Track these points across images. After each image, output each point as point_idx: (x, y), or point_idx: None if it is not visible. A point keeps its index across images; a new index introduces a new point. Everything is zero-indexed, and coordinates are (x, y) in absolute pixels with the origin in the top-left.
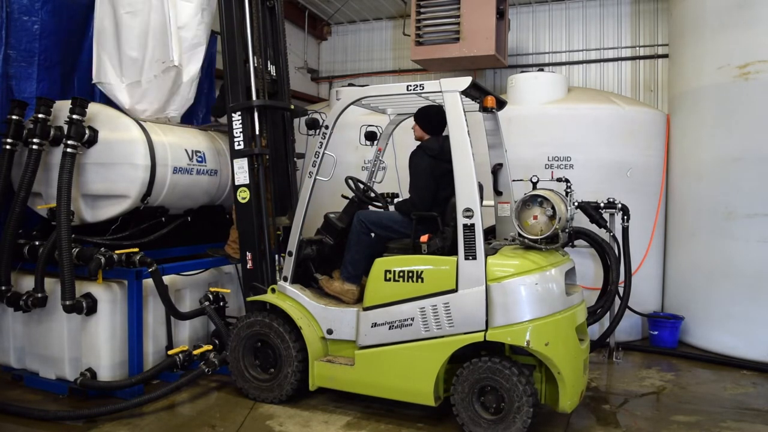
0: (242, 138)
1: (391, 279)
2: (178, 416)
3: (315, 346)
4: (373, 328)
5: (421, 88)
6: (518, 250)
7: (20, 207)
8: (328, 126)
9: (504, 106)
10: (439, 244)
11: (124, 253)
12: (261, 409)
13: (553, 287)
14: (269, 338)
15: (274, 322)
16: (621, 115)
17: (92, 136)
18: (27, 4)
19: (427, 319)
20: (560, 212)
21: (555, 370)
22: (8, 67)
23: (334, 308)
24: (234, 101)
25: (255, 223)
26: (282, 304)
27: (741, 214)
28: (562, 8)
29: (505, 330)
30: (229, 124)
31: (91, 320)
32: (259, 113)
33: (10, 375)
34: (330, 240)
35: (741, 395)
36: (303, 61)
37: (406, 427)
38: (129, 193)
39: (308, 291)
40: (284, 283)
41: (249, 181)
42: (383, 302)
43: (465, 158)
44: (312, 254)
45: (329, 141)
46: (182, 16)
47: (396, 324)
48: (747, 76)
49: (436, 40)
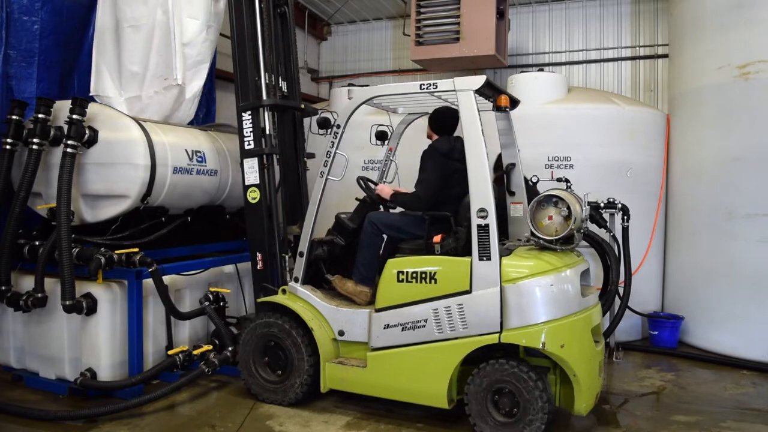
0: (252, 137)
1: (403, 280)
2: (178, 416)
3: (326, 347)
4: (386, 330)
5: (435, 87)
6: (533, 251)
7: (20, 207)
8: (340, 125)
9: (517, 105)
10: (452, 244)
11: (124, 253)
12: (261, 409)
13: (569, 288)
14: (280, 340)
15: (285, 324)
16: (621, 115)
17: (92, 136)
18: (27, 4)
19: (441, 321)
20: (575, 212)
21: (570, 372)
22: (8, 67)
23: (345, 309)
24: (244, 101)
25: (265, 224)
26: (293, 305)
27: (741, 214)
28: (562, 8)
29: (520, 332)
30: (239, 123)
31: (91, 320)
32: (269, 112)
33: (10, 375)
34: (341, 241)
35: (741, 395)
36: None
37: (406, 427)
38: (129, 193)
39: (319, 292)
40: (295, 284)
41: (259, 181)
42: (396, 304)
43: (479, 158)
44: (323, 255)
45: (341, 140)
46: (187, 33)
47: (409, 325)
48: (747, 76)
49: (436, 40)
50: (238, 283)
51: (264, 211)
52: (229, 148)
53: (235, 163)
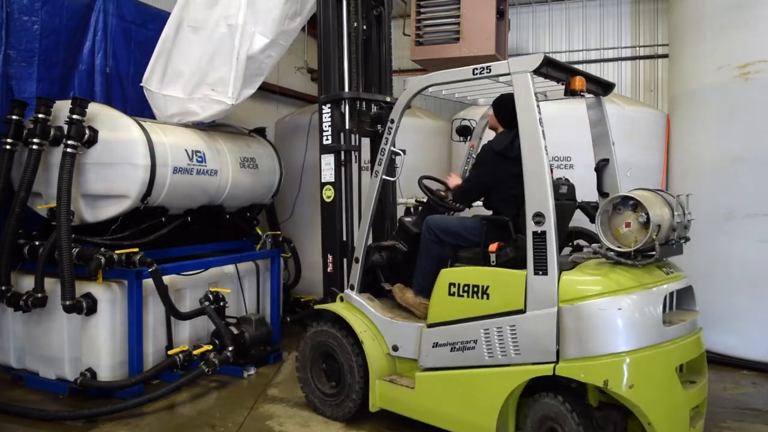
0: (330, 132)
1: (455, 293)
2: (178, 416)
3: (378, 363)
4: (435, 349)
5: (488, 71)
6: (604, 266)
7: (20, 207)
8: (394, 119)
9: (611, 90)
10: (510, 254)
11: (124, 253)
12: (261, 409)
13: (644, 314)
14: (334, 350)
15: (338, 333)
16: (621, 114)
17: (92, 136)
18: (27, 4)
19: (492, 343)
20: (658, 218)
21: (644, 420)
22: (8, 67)
23: (400, 322)
24: (325, 93)
25: (337, 224)
26: (346, 315)
27: (741, 214)
28: (562, 8)
29: (579, 364)
30: (320, 117)
31: (91, 320)
32: (350, 106)
33: (10, 375)
34: (404, 246)
35: (741, 395)
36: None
37: (406, 427)
38: (129, 193)
39: (377, 302)
40: (351, 291)
41: (334, 179)
42: (446, 320)
43: (535, 152)
44: (381, 261)
45: (395, 136)
46: (253, 48)
47: (458, 346)
48: (747, 76)
49: (436, 40)
50: (238, 283)
51: (338, 211)
52: (230, 148)
53: (235, 163)
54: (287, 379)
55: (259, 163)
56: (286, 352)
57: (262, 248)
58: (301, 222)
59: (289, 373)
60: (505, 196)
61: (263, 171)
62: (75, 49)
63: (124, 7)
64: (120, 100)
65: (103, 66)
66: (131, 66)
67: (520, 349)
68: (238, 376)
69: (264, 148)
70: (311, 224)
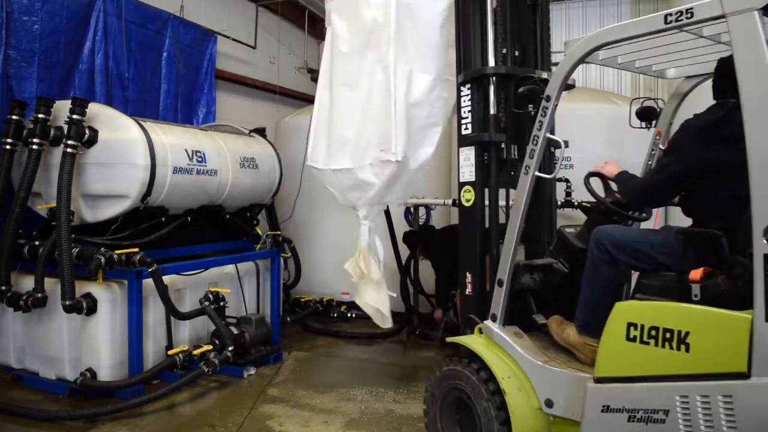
0: (470, 119)
1: (636, 338)
2: (178, 416)
3: (525, 420)
4: (605, 414)
5: (689, 15)
6: None
7: (20, 207)
8: (550, 96)
9: None
10: (723, 286)
11: (124, 253)
12: (261, 409)
13: None
14: (468, 397)
15: (473, 376)
16: (621, 115)
17: (92, 136)
18: (27, 4)
19: (693, 419)
20: None
21: None
22: (8, 67)
23: (557, 369)
24: (465, 69)
25: (478, 235)
26: (486, 354)
27: None
28: (562, 8)
29: None
30: (458, 101)
31: (91, 320)
32: (497, 86)
33: (10, 375)
34: (564, 266)
35: None
36: (303, 61)
37: (406, 426)
38: (129, 193)
39: (526, 338)
40: (492, 323)
41: (475, 178)
42: (622, 374)
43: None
44: (533, 285)
45: (552, 119)
46: (416, 92)
47: (639, 416)
48: None
49: None
50: (238, 283)
51: (479, 219)
52: (230, 148)
53: (235, 163)
54: (287, 379)
55: (259, 163)
56: (286, 352)
57: (262, 248)
58: (301, 222)
59: (289, 373)
60: (713, 198)
61: (263, 171)
62: (75, 49)
63: (124, 7)
64: (120, 100)
65: (103, 66)
66: (131, 66)
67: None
68: (238, 376)
69: (264, 148)
70: (311, 224)
